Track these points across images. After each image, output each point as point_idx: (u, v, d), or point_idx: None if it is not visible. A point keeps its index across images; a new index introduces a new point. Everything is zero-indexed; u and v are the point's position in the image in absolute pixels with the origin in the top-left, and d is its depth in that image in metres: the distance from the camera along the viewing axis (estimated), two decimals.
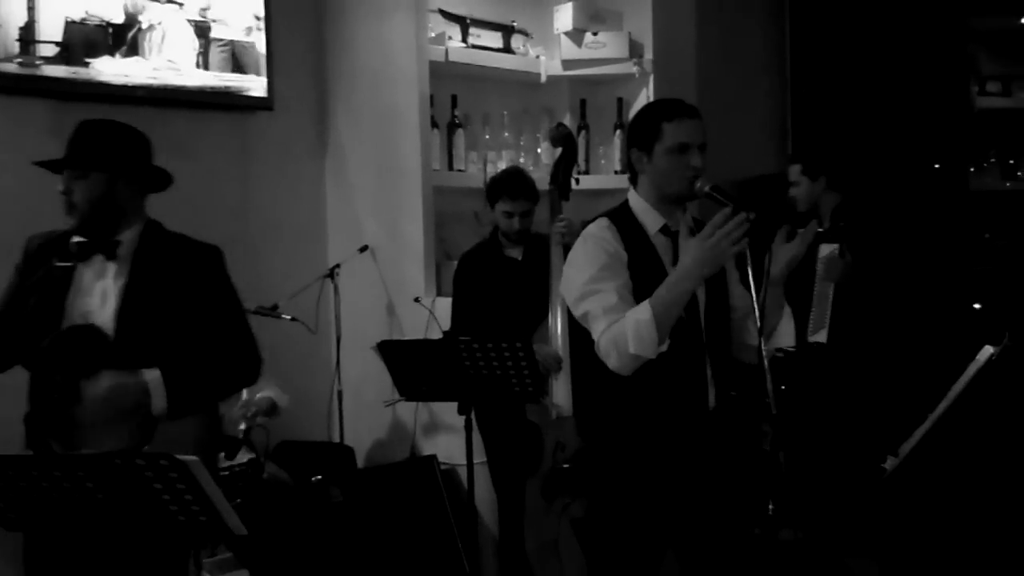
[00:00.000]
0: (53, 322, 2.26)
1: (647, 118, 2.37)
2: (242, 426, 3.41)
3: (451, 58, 4.16)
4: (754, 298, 2.11)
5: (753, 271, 2.12)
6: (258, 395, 3.71)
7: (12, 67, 3.51)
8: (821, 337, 3.41)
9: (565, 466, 3.09)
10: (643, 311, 2.17)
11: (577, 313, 2.31)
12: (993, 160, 5.43)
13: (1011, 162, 5.48)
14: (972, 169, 5.29)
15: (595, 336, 2.25)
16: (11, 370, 2.39)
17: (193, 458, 1.77)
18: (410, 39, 4.06)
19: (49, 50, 3.58)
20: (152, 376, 2.27)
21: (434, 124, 4.19)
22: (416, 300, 3.90)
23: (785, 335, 2.41)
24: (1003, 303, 3.53)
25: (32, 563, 2.35)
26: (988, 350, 2.22)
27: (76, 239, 2.30)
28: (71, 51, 3.63)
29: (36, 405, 2.31)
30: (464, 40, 4.26)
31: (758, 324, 2.08)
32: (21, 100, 3.60)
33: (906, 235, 3.44)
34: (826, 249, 3.61)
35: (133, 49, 3.81)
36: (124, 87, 3.77)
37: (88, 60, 3.68)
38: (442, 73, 4.18)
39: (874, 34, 5.23)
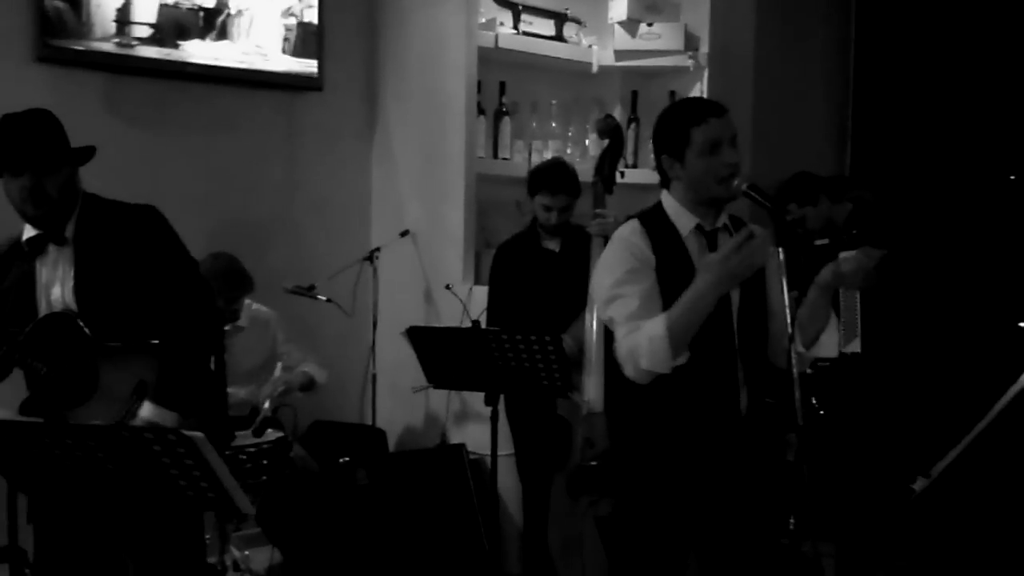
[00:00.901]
0: (30, 320, 2.35)
1: (673, 124, 2.28)
2: (266, 404, 3.41)
3: (501, 44, 4.11)
4: (786, 302, 2.03)
5: (788, 275, 2.04)
6: (297, 369, 3.73)
7: (109, 47, 3.69)
8: (856, 347, 3.29)
9: (592, 464, 3.03)
10: (658, 327, 2.13)
11: (603, 317, 2.29)
12: None
13: None
14: None
15: (616, 342, 2.22)
16: None
17: (199, 434, 1.76)
18: (460, 24, 4.02)
19: (143, 31, 3.76)
20: (149, 411, 2.30)
21: (481, 111, 4.15)
22: (447, 287, 3.87)
23: (828, 345, 2.31)
24: None
25: (40, 525, 2.39)
26: None
27: (26, 237, 2.38)
28: (163, 33, 3.81)
29: (34, 397, 2.35)
30: (515, 27, 4.21)
31: (789, 331, 2.00)
32: (116, 78, 3.79)
33: (950, 243, 3.27)
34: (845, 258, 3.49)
35: (223, 33, 3.96)
36: (213, 68, 3.95)
37: (179, 42, 3.87)
38: (491, 59, 4.14)
39: (943, 35, 5.03)
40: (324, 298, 4.03)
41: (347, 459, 3.62)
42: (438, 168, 4.18)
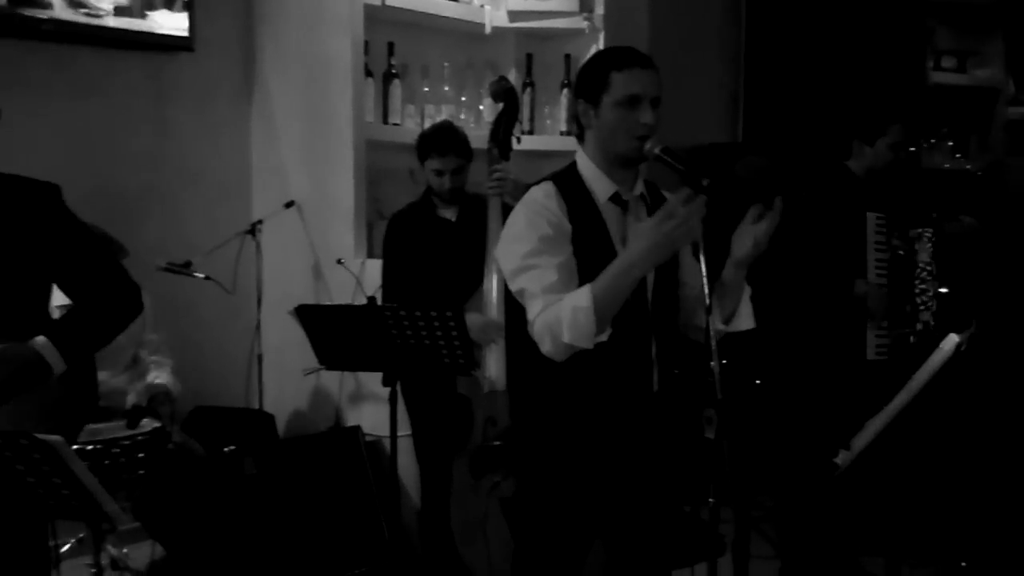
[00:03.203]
0: None
1: (595, 66, 2.15)
2: (132, 396, 3.16)
3: (389, 2, 3.92)
4: (703, 274, 1.93)
5: (705, 245, 1.94)
6: (155, 378, 3.46)
7: None
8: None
9: (495, 443, 2.92)
10: (582, 297, 1.97)
11: (513, 288, 2.11)
12: (945, 137, 5.34)
13: (960, 140, 5.40)
14: (924, 146, 5.20)
15: (530, 316, 2.05)
16: None
17: (57, 438, 1.54)
18: None
19: None
20: (39, 342, 2.11)
21: (368, 73, 3.94)
22: (339, 262, 3.68)
23: (745, 317, 2.23)
24: (968, 289, 3.42)
25: None
26: (954, 339, 2.09)
27: None
28: None
29: None
30: None
31: (707, 302, 1.91)
32: None
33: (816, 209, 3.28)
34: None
35: None
36: (72, 25, 3.58)
37: None
38: (379, 18, 3.94)
39: (833, 1, 5.09)
40: (202, 275, 3.77)
41: (233, 447, 3.40)
42: (324, 134, 3.95)
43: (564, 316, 1.97)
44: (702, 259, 1.95)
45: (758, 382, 3.24)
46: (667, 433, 2.25)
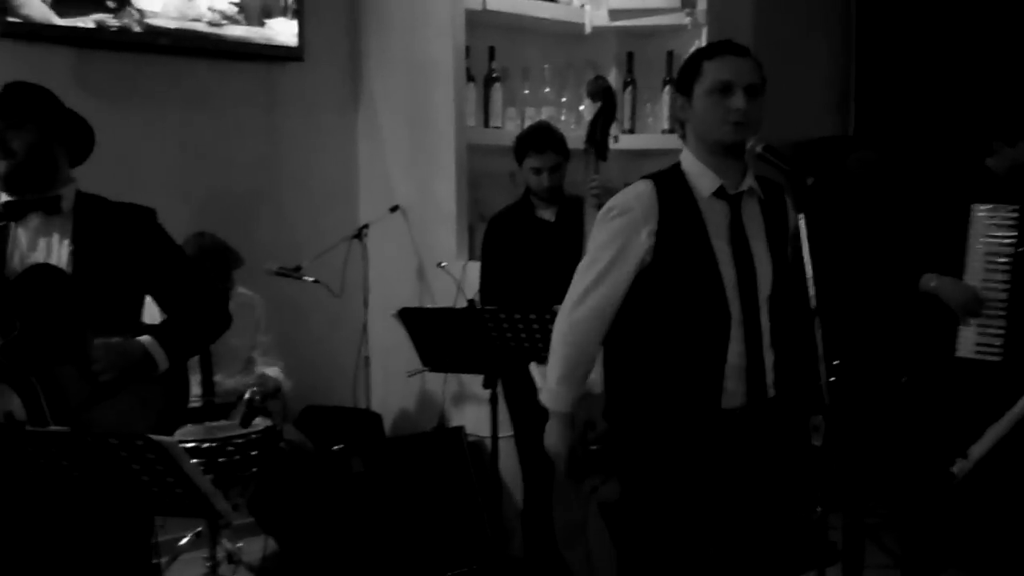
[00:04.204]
0: None
1: (690, 60, 2.15)
2: (247, 395, 3.28)
3: (489, 6, 3.93)
4: (808, 273, 1.87)
5: (814, 244, 1.87)
6: (268, 371, 3.58)
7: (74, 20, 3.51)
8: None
9: (594, 447, 2.89)
10: (551, 374, 2.18)
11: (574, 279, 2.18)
12: None
13: None
14: None
15: (563, 307, 2.17)
16: None
17: (171, 439, 1.61)
18: None
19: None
20: (146, 340, 2.28)
21: (470, 77, 3.97)
22: (439, 265, 3.71)
23: None
24: None
25: None
26: None
27: (4, 199, 2.26)
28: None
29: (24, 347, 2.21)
30: None
31: (812, 304, 1.84)
32: (84, 53, 3.65)
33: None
34: None
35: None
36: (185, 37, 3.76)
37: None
38: (480, 22, 3.96)
39: None
40: (311, 279, 3.87)
41: (341, 446, 3.48)
42: (427, 139, 4.00)
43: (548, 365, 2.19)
44: (807, 257, 1.89)
45: (904, 379, 3.08)
46: (777, 437, 2.18)
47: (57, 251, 2.23)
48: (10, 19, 3.41)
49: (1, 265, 2.21)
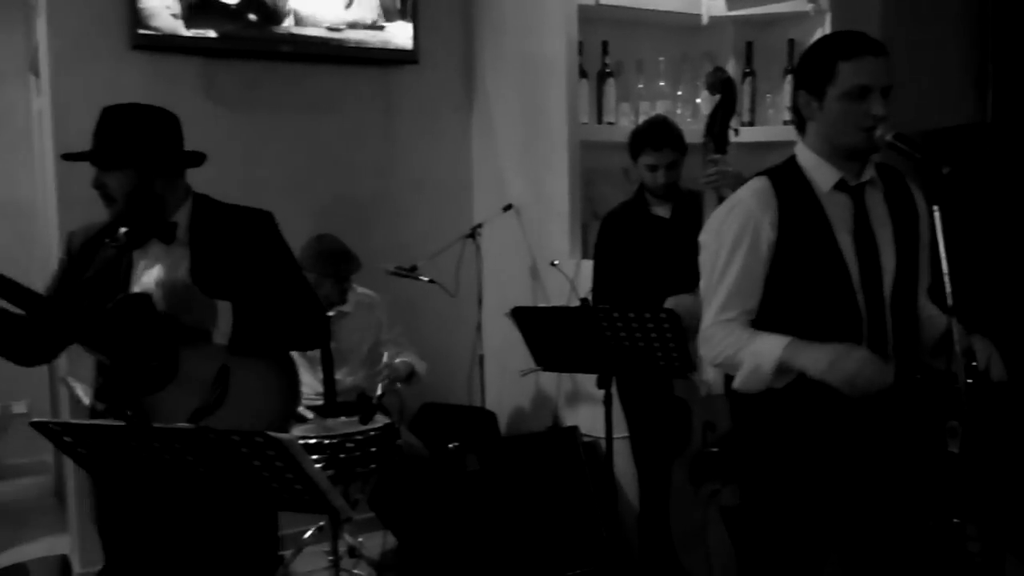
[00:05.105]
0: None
1: (820, 55, 2.00)
2: (379, 391, 3.34)
3: (602, 0, 3.87)
4: (944, 268, 1.76)
5: (950, 237, 1.76)
6: (397, 359, 3.65)
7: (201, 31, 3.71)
8: None
9: (714, 450, 2.81)
10: (768, 357, 1.95)
11: (700, 285, 2.11)
12: None
13: None
14: None
15: (703, 324, 2.07)
16: None
17: (289, 436, 1.63)
18: None
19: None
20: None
21: (583, 73, 3.93)
22: (553, 264, 3.68)
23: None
24: None
25: (107, 527, 2.33)
26: None
27: (123, 229, 2.20)
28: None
29: (121, 379, 2.23)
30: None
31: (949, 301, 1.73)
32: (211, 62, 3.82)
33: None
34: None
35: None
36: (307, 44, 3.88)
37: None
38: (593, 17, 3.91)
39: None
40: (427, 279, 3.92)
41: (456, 444, 3.50)
42: (540, 137, 3.99)
43: (743, 361, 1.98)
44: (942, 250, 1.77)
45: None
46: (906, 439, 2.06)
47: (177, 269, 2.23)
48: (141, 31, 3.59)
49: (126, 289, 2.23)
